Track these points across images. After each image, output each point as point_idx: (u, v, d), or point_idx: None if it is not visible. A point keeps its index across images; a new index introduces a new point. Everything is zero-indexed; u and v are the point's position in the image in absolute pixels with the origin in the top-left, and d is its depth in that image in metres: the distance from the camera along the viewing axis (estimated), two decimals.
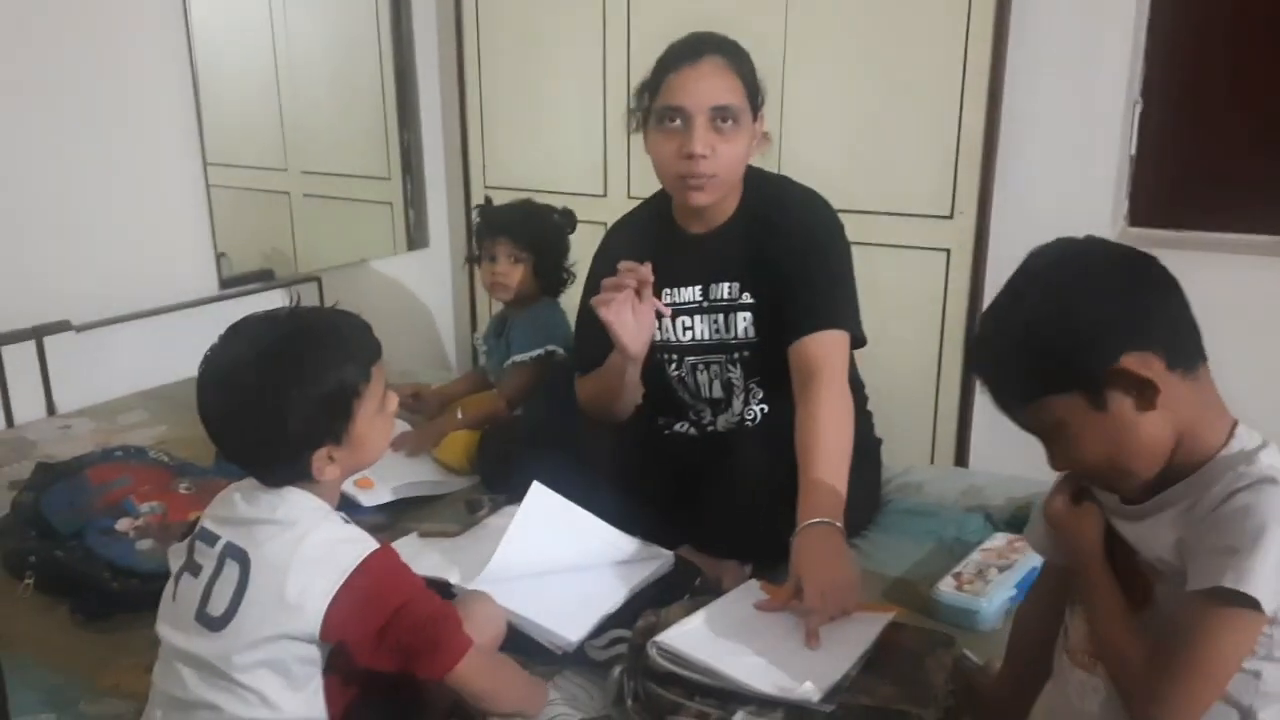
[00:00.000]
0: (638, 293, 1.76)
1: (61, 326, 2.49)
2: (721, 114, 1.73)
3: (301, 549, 1.15)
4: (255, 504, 1.21)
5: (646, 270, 1.76)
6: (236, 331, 1.21)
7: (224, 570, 1.17)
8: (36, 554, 1.67)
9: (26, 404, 2.45)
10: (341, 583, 1.14)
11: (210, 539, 1.21)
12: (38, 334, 2.45)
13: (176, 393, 2.51)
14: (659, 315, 1.83)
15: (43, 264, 2.49)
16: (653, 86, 1.78)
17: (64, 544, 1.68)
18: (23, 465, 2.11)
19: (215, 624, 1.17)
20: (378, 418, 1.24)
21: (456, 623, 1.23)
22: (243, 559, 1.17)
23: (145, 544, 1.67)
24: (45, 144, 2.47)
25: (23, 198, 2.44)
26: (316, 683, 1.19)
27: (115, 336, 2.60)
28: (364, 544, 1.18)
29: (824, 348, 1.73)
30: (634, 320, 1.76)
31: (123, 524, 1.72)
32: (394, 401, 1.28)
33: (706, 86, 1.73)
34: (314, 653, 1.17)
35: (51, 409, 2.50)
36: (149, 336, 2.65)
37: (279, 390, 1.15)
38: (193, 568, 1.21)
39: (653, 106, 1.78)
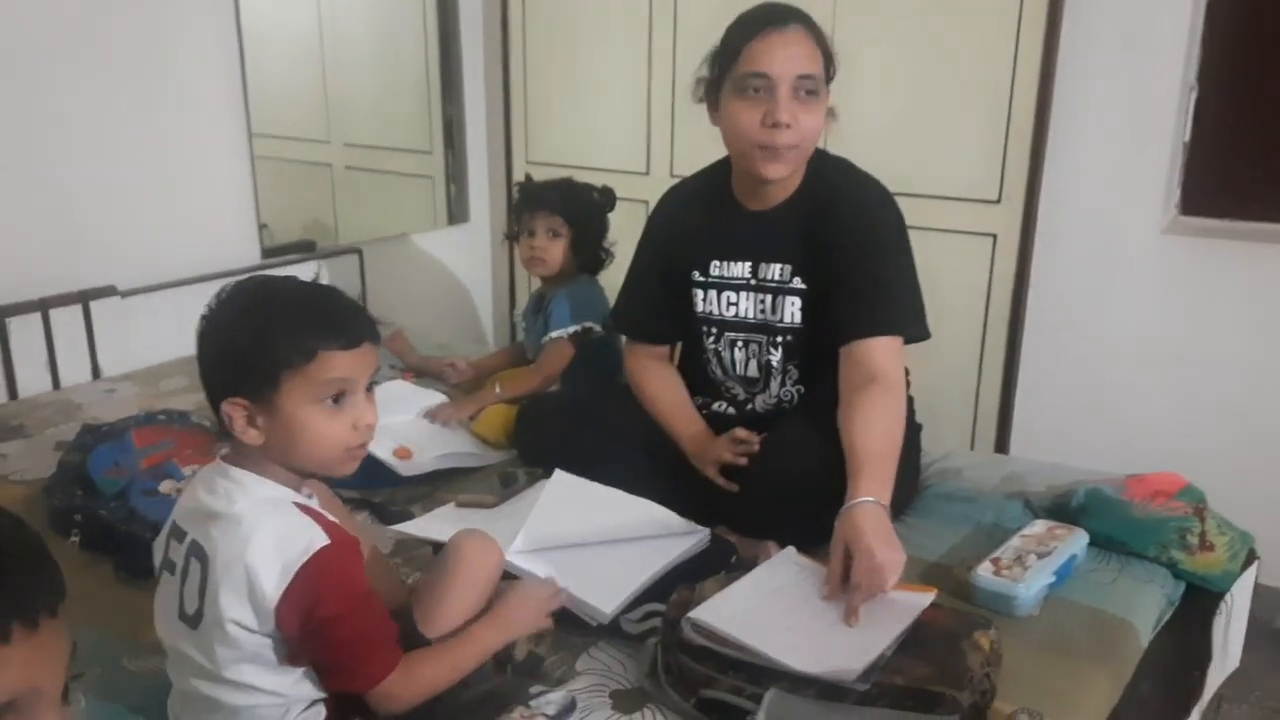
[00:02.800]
0: None
1: (108, 291, 2.53)
2: (806, 84, 1.70)
3: (251, 545, 1.12)
4: (213, 492, 1.18)
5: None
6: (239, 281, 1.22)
7: (190, 568, 1.17)
8: (82, 512, 1.70)
9: (72, 367, 2.49)
10: (289, 580, 1.11)
11: (180, 535, 1.20)
12: (84, 298, 2.48)
13: None
14: None
15: (91, 231, 2.53)
16: (730, 53, 1.73)
17: (108, 503, 1.71)
18: (69, 426, 2.14)
19: (192, 621, 1.16)
20: (317, 411, 1.16)
21: (382, 647, 1.18)
22: (202, 557, 1.15)
23: None
24: (95, 114, 2.50)
25: (73, 166, 2.48)
26: (300, 669, 1.18)
27: (159, 303, 2.63)
28: (312, 540, 1.14)
29: (885, 353, 1.72)
30: None
31: (165, 485, 1.74)
32: (355, 414, 1.18)
33: (793, 53, 1.69)
34: (281, 643, 1.15)
35: (96, 372, 2.54)
36: (192, 304, 2.61)
37: (213, 325, 1.17)
38: (169, 565, 1.21)
39: (730, 74, 1.73)
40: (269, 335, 1.14)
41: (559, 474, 1.71)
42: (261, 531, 1.13)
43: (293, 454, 1.18)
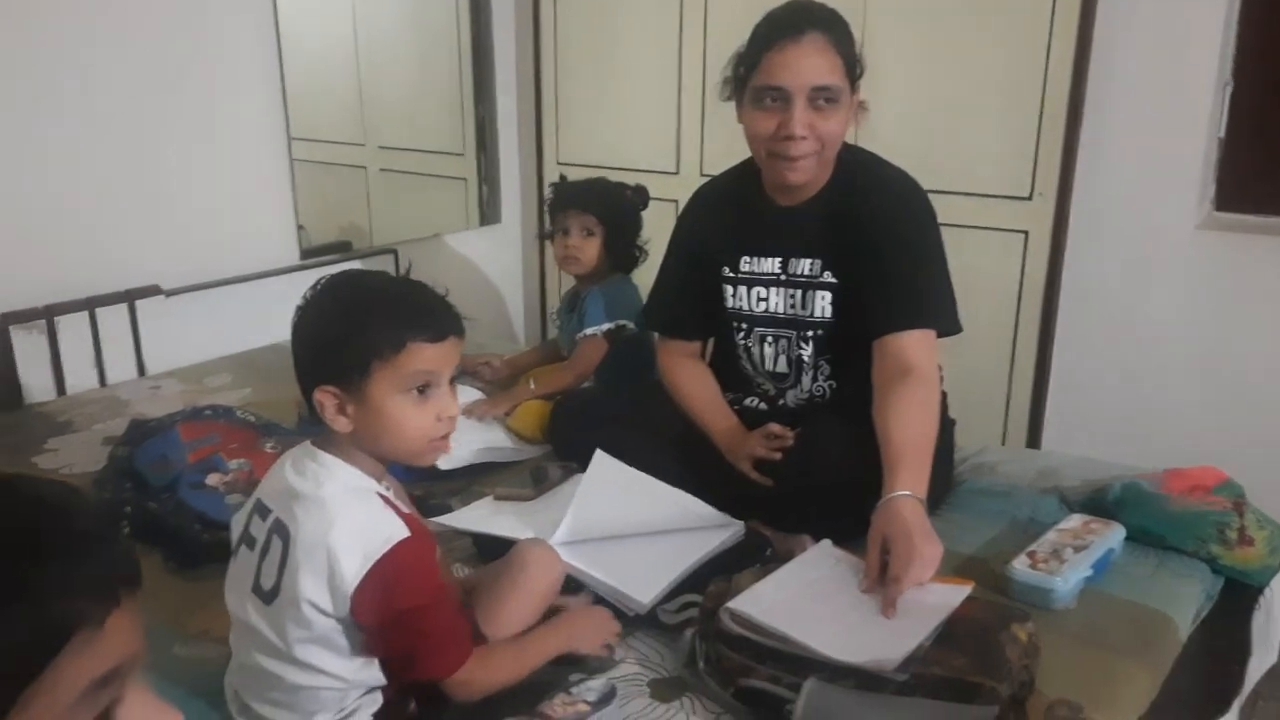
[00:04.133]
0: None
1: (152, 291, 2.58)
2: (823, 94, 1.70)
3: (335, 530, 1.15)
4: (302, 474, 1.21)
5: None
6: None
7: (272, 545, 1.20)
8: (131, 505, 1.74)
9: (118, 365, 2.55)
10: (369, 568, 1.14)
11: (264, 512, 1.23)
12: (130, 297, 2.54)
13: (259, 358, 2.59)
14: None
15: (136, 232, 2.59)
16: (750, 61, 1.75)
17: (157, 496, 1.75)
18: (116, 422, 2.19)
19: (267, 597, 1.19)
20: (404, 401, 1.19)
21: (459, 638, 1.23)
22: (285, 535, 1.18)
23: (234, 498, 1.72)
24: (140, 118, 2.56)
25: (118, 169, 2.53)
26: (366, 657, 1.21)
27: (202, 302, 2.68)
28: (393, 531, 1.17)
29: (918, 347, 1.72)
30: None
31: (212, 479, 1.78)
32: (439, 406, 1.22)
33: (807, 66, 1.69)
34: (353, 629, 1.18)
35: (142, 370, 2.59)
36: (234, 303, 2.73)
37: (308, 316, 1.21)
38: (249, 540, 1.24)
39: (750, 83, 1.75)
40: (361, 326, 1.18)
41: (600, 455, 1.71)
42: (345, 517, 1.16)
43: (379, 442, 1.22)
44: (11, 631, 0.56)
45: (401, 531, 1.17)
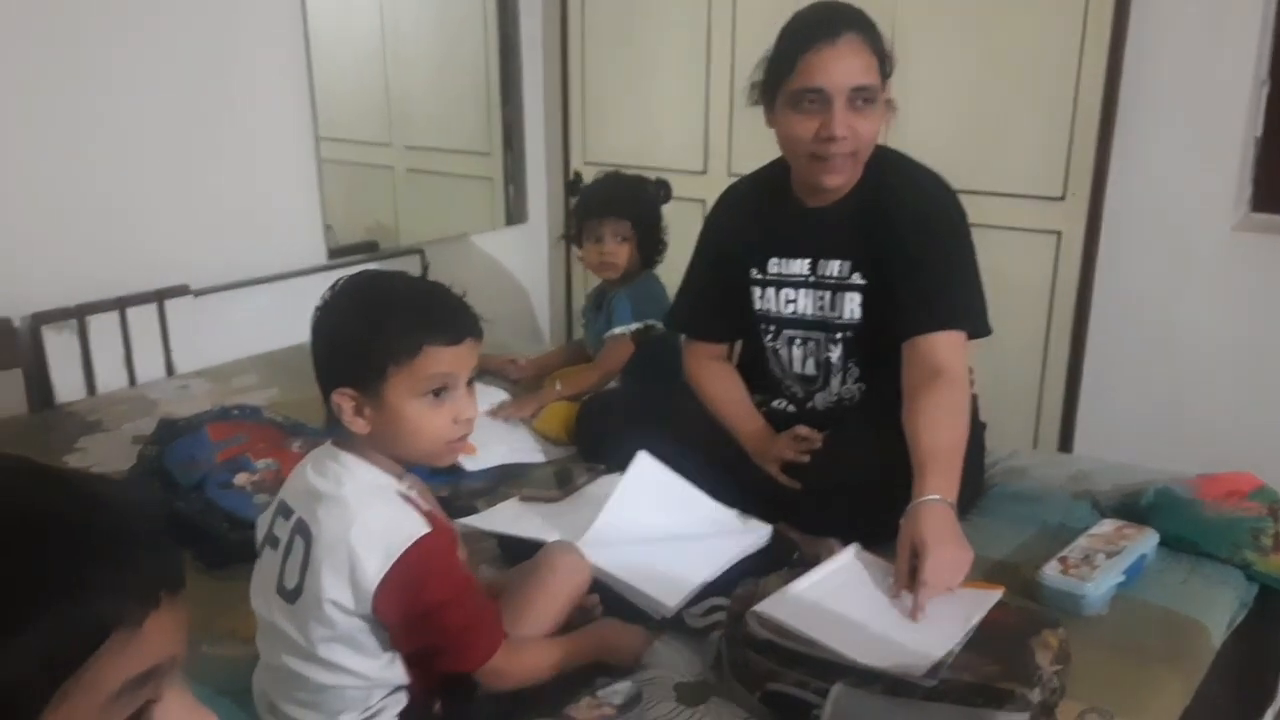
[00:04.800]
0: None
1: (181, 291, 2.60)
2: (861, 94, 1.69)
3: (355, 528, 1.16)
4: (323, 474, 1.22)
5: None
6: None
7: (294, 545, 1.20)
8: (161, 503, 1.75)
9: (147, 364, 2.56)
10: (390, 565, 1.15)
11: (287, 512, 1.24)
12: (159, 297, 2.55)
13: (287, 358, 2.60)
14: None
15: (165, 231, 2.61)
16: (784, 64, 1.73)
17: (185, 495, 1.76)
18: (145, 421, 2.20)
19: (290, 596, 1.20)
20: (421, 404, 1.19)
21: (489, 628, 1.23)
22: (307, 535, 1.19)
23: (261, 498, 1.73)
24: (169, 119, 2.57)
25: (148, 170, 2.55)
26: (391, 653, 1.21)
27: (230, 302, 2.70)
28: (414, 528, 1.18)
29: (948, 349, 1.71)
30: None
31: (240, 478, 1.79)
32: (456, 408, 1.22)
33: (846, 67, 1.68)
34: (376, 627, 1.19)
35: (170, 369, 2.61)
36: (261, 303, 2.74)
37: (326, 318, 1.22)
38: (272, 541, 1.25)
39: (784, 86, 1.73)
40: (377, 330, 1.18)
41: (643, 457, 1.70)
42: (366, 516, 1.17)
43: (396, 444, 1.22)
44: (50, 628, 0.56)
45: (422, 528, 1.18)
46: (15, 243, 2.35)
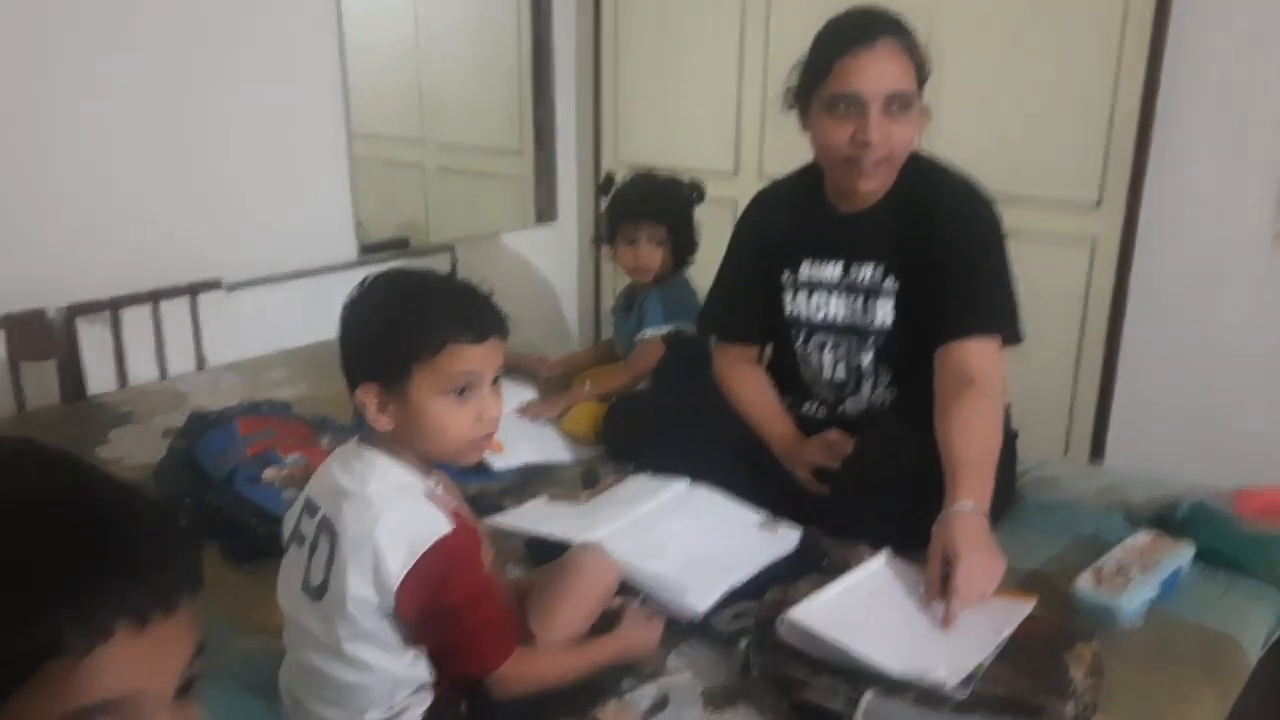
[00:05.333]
0: None
1: (213, 285, 2.62)
2: (896, 100, 1.68)
3: (380, 526, 1.15)
4: (348, 471, 1.22)
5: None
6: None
7: (320, 542, 1.20)
8: (190, 496, 1.76)
9: (179, 357, 2.58)
10: (413, 562, 1.14)
11: (313, 510, 1.24)
12: (192, 291, 2.57)
13: (317, 353, 2.61)
14: None
15: (199, 226, 2.63)
16: (820, 69, 1.71)
17: (215, 488, 1.77)
18: (175, 414, 2.22)
19: (315, 593, 1.20)
20: (445, 402, 1.19)
21: (502, 634, 1.22)
22: (332, 532, 1.19)
23: (289, 493, 1.74)
24: (204, 114, 2.60)
25: (182, 165, 2.57)
26: (415, 651, 1.21)
27: (262, 297, 2.72)
28: (438, 525, 1.17)
29: (983, 355, 1.69)
30: None
31: (269, 473, 1.79)
32: (480, 407, 1.21)
33: (882, 72, 1.66)
34: (400, 625, 1.18)
35: (201, 363, 2.62)
36: (293, 298, 2.76)
37: (352, 314, 1.22)
38: (298, 538, 1.25)
39: (820, 91, 1.71)
40: (402, 327, 1.18)
41: (684, 485, 1.73)
42: (391, 513, 1.17)
43: (420, 442, 1.22)
44: None
45: (445, 527, 1.18)
46: (51, 235, 2.38)
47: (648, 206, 2.35)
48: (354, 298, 1.24)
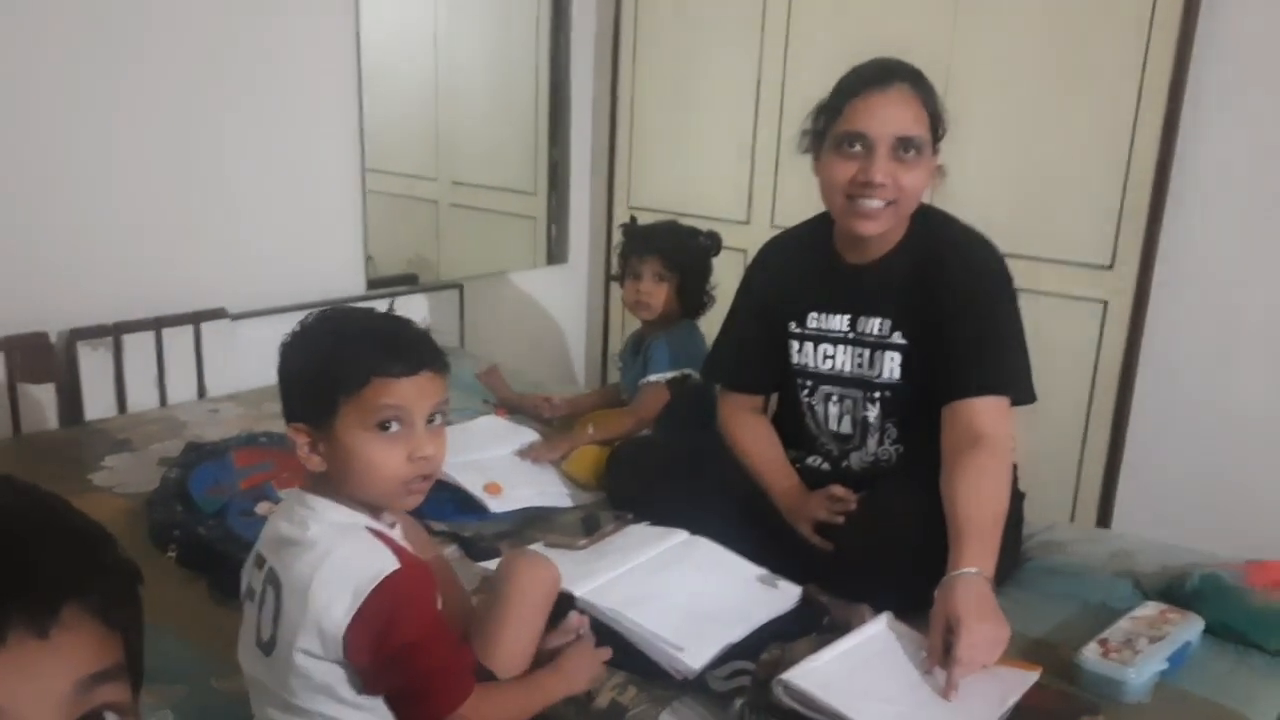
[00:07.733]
0: None
1: (218, 314, 2.60)
2: (906, 144, 1.67)
3: (321, 571, 1.11)
4: (291, 519, 1.18)
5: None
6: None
7: (267, 595, 1.17)
8: (181, 528, 1.74)
9: (180, 386, 2.56)
10: (359, 605, 1.10)
11: (260, 562, 1.21)
12: (196, 319, 2.56)
13: None
14: None
15: (205, 254, 2.62)
16: (833, 110, 1.72)
17: (206, 521, 1.74)
18: (173, 443, 2.20)
19: (266, 648, 1.16)
20: (371, 438, 1.14)
21: (460, 673, 1.18)
22: (276, 584, 1.15)
23: None
24: (217, 143, 2.60)
25: (192, 192, 2.58)
26: (371, 702, 1.16)
27: (266, 327, 2.69)
28: (383, 562, 1.13)
29: (992, 415, 1.67)
30: None
31: (262, 507, 1.77)
32: (412, 445, 1.16)
33: (893, 114, 1.67)
34: (352, 673, 1.14)
35: (202, 392, 2.61)
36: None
37: (286, 352, 1.20)
38: (250, 593, 1.22)
39: (830, 130, 1.72)
40: (327, 360, 1.15)
41: (684, 537, 1.70)
42: (332, 557, 1.13)
43: (350, 483, 1.17)
44: None
45: (391, 563, 1.13)
46: (56, 259, 2.37)
47: (654, 242, 2.35)
48: (288, 337, 1.21)
